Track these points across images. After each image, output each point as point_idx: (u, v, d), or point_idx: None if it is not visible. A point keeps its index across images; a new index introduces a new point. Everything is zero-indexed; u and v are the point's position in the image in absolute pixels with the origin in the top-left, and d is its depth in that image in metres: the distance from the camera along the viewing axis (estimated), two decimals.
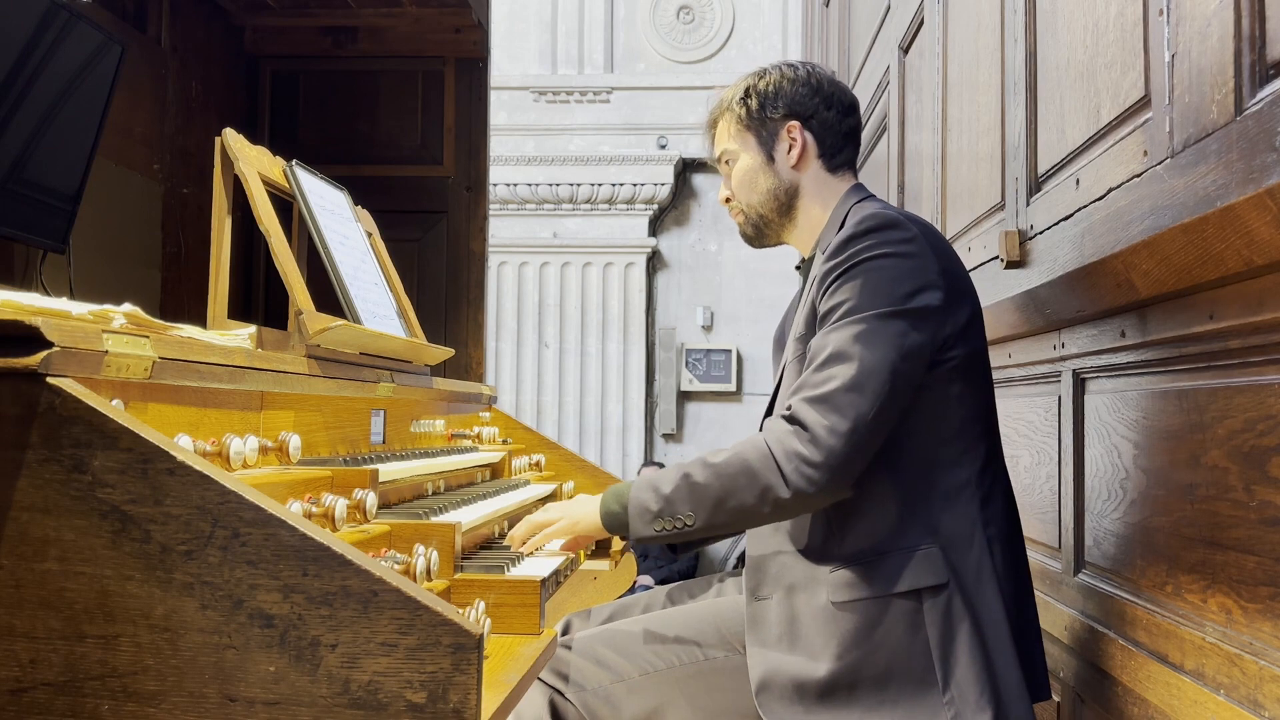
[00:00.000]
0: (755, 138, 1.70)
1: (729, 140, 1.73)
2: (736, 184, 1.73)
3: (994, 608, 1.47)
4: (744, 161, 1.71)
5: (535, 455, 2.60)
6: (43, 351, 0.99)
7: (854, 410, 1.41)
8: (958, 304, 1.51)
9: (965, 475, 1.51)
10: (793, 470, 1.42)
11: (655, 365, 7.87)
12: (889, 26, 3.26)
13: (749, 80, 1.72)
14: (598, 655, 1.61)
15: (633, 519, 1.53)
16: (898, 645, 1.45)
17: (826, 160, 1.70)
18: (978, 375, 1.56)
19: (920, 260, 1.48)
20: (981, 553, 1.48)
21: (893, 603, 1.46)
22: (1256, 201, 1.05)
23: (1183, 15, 1.24)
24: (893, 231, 1.49)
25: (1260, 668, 1.12)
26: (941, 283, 1.48)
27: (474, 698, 0.97)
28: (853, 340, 1.44)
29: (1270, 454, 1.12)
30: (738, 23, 7.89)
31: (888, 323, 1.44)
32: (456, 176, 3.32)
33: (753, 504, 1.45)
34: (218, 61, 3.20)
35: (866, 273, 1.46)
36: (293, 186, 1.88)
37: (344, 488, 1.46)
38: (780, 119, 1.68)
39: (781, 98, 1.68)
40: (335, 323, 1.68)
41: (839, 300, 1.48)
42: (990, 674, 1.44)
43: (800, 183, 1.69)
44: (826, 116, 1.69)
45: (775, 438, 1.45)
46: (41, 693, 0.99)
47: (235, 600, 0.98)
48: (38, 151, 2.11)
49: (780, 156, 1.69)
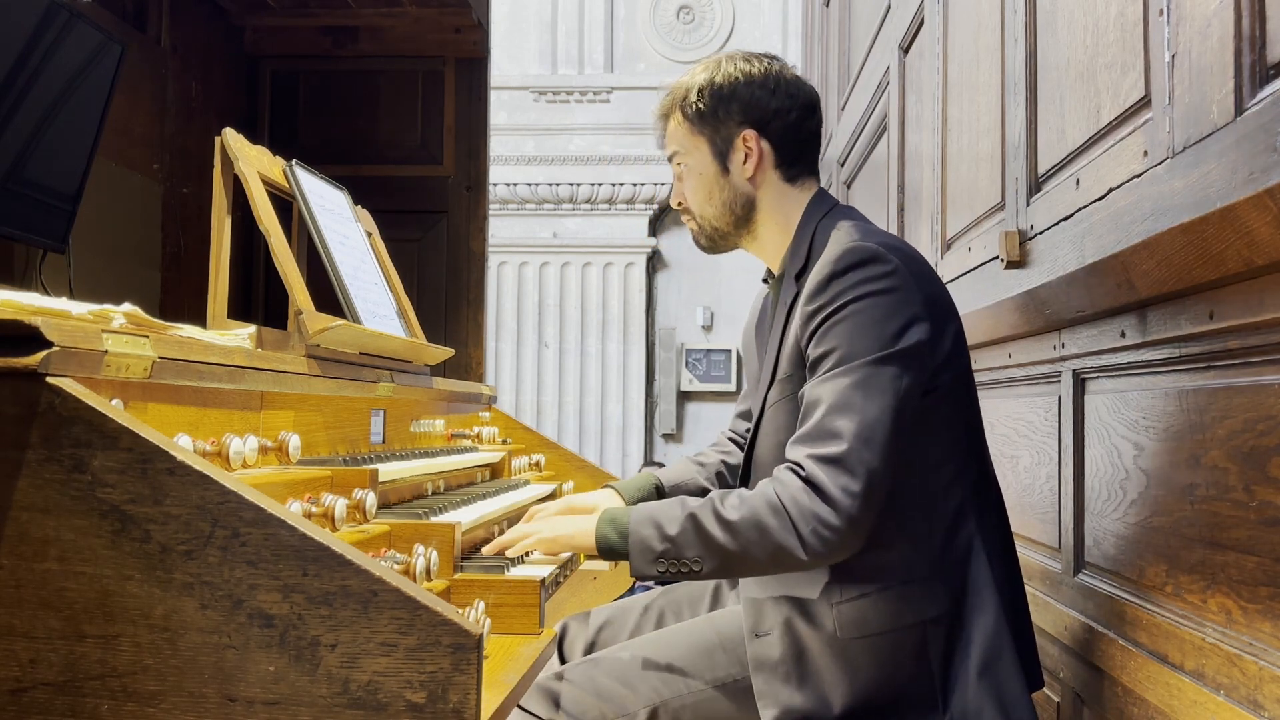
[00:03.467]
0: (709, 144, 1.61)
1: (679, 142, 1.64)
2: (689, 193, 1.65)
3: (994, 620, 1.46)
4: (696, 169, 1.63)
5: (535, 455, 2.60)
6: (43, 351, 0.99)
7: (865, 468, 1.38)
8: (943, 329, 1.49)
9: (961, 496, 1.50)
10: (810, 533, 1.38)
11: (655, 365, 7.87)
12: (889, 26, 3.26)
13: (704, 74, 1.62)
14: (598, 687, 1.55)
15: (634, 556, 1.47)
16: (906, 677, 1.45)
17: (785, 170, 1.62)
18: (964, 393, 1.55)
19: (904, 293, 1.44)
20: (981, 569, 1.48)
21: (900, 634, 1.45)
22: (1256, 201, 1.05)
23: (1183, 15, 1.24)
24: (874, 266, 1.44)
25: (1260, 668, 1.12)
26: (926, 314, 1.45)
27: (474, 698, 0.97)
28: (850, 390, 1.40)
29: (1270, 454, 1.12)
30: (738, 23, 7.90)
31: (882, 369, 1.41)
32: (456, 176, 3.32)
33: (764, 561, 1.42)
34: (218, 61, 3.20)
35: (853, 315, 1.43)
36: (293, 186, 1.88)
37: (344, 488, 1.45)
38: (736, 125, 1.59)
39: (737, 100, 1.59)
40: (335, 322, 1.68)
41: (829, 347, 1.44)
42: (994, 687, 1.44)
43: (757, 196, 1.61)
44: (787, 120, 1.60)
45: (790, 495, 1.40)
46: (41, 692, 0.99)
47: (235, 600, 0.98)
48: (38, 151, 2.11)
49: (735, 167, 1.60)
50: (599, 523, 1.52)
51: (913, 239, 2.92)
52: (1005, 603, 1.48)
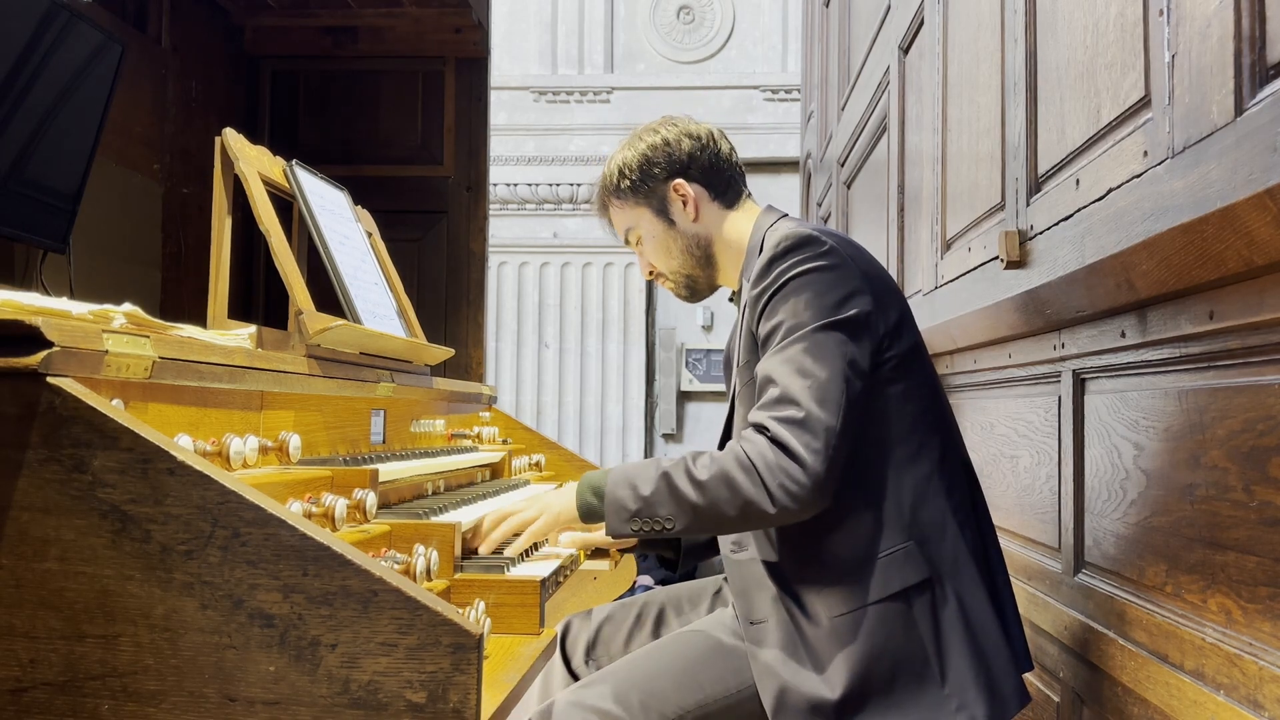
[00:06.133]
0: (649, 208, 1.75)
1: (625, 219, 1.78)
2: (653, 257, 1.78)
3: (975, 592, 1.51)
4: (650, 232, 1.75)
5: (535, 455, 2.61)
6: (43, 351, 0.99)
7: (823, 425, 1.45)
8: (885, 305, 1.56)
9: (927, 468, 1.55)
10: (777, 487, 1.45)
11: (655, 365, 7.87)
12: (889, 27, 3.26)
13: (616, 159, 1.77)
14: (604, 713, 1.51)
15: (609, 515, 1.53)
16: (898, 649, 1.48)
17: (720, 199, 1.74)
18: (919, 370, 1.60)
19: (842, 270, 1.53)
20: (956, 540, 1.52)
21: (886, 607, 1.48)
22: (1256, 202, 1.05)
23: (1183, 15, 1.24)
24: (811, 247, 1.53)
25: (1260, 668, 1.12)
26: (866, 287, 1.53)
27: (474, 698, 0.97)
28: (801, 355, 1.48)
29: (1270, 454, 1.12)
30: (738, 23, 7.89)
31: (828, 334, 1.49)
32: (456, 176, 3.32)
33: (734, 516, 1.48)
34: (218, 61, 3.20)
35: (796, 290, 1.51)
36: (293, 186, 1.88)
37: (344, 488, 1.46)
38: (662, 182, 1.73)
39: (653, 163, 1.73)
40: (335, 322, 1.68)
41: (776, 322, 1.52)
42: (981, 657, 1.48)
43: (708, 231, 1.74)
44: (701, 159, 1.73)
45: (757, 452, 1.47)
46: (41, 692, 0.99)
47: (235, 600, 0.98)
48: (38, 151, 2.11)
49: (679, 216, 1.73)
50: (579, 488, 1.59)
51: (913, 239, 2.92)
52: (983, 573, 1.53)
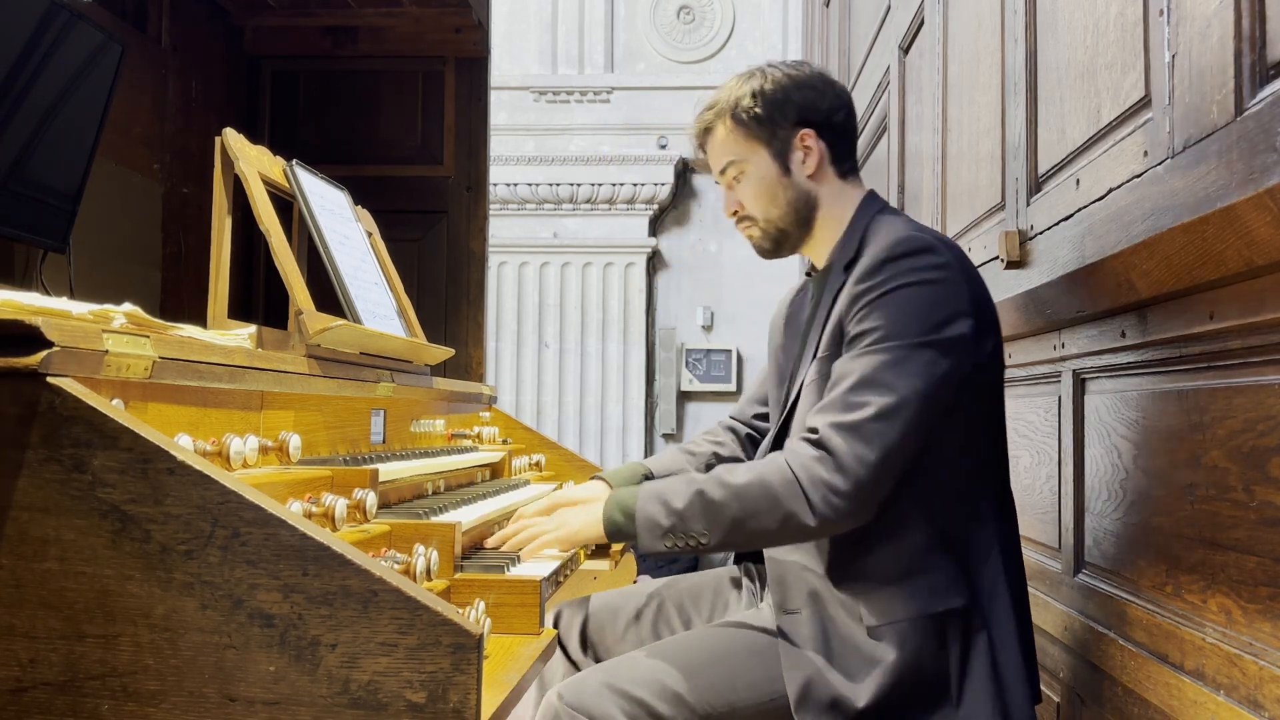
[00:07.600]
0: (767, 148, 1.62)
1: (733, 150, 1.64)
2: (752, 197, 1.64)
3: (1006, 623, 1.47)
4: (757, 173, 1.63)
5: (535, 455, 2.61)
6: (43, 351, 0.99)
7: (882, 440, 1.39)
8: (984, 332, 1.50)
9: (983, 496, 1.51)
10: (820, 499, 1.40)
11: (655, 365, 7.87)
12: (889, 27, 3.26)
13: (751, 83, 1.63)
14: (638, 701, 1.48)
15: (641, 532, 1.49)
16: (926, 667, 1.45)
17: (839, 166, 1.65)
18: (995, 401, 1.57)
19: (954, 287, 1.46)
20: (997, 568, 1.49)
21: (923, 624, 1.45)
22: (1256, 202, 1.05)
23: (1183, 15, 1.24)
24: (927, 256, 1.46)
25: (1260, 668, 1.12)
26: (972, 311, 1.47)
27: (474, 698, 0.97)
28: (883, 368, 1.42)
29: (1270, 454, 1.12)
30: (738, 23, 7.89)
31: (919, 352, 1.42)
32: (456, 176, 3.31)
33: (773, 528, 1.43)
34: (218, 61, 3.19)
35: (900, 299, 1.44)
36: (293, 186, 1.88)
37: (344, 487, 1.45)
38: (792, 126, 1.61)
39: (791, 103, 1.61)
40: (335, 322, 1.68)
41: (870, 325, 1.45)
42: (1000, 688, 1.45)
43: (818, 193, 1.63)
44: (836, 119, 1.63)
45: (800, 463, 1.42)
46: (41, 692, 0.99)
47: (235, 600, 0.98)
48: (38, 151, 2.11)
49: (796, 167, 1.62)
50: (605, 507, 1.54)
51: None
52: (1016, 605, 1.50)
